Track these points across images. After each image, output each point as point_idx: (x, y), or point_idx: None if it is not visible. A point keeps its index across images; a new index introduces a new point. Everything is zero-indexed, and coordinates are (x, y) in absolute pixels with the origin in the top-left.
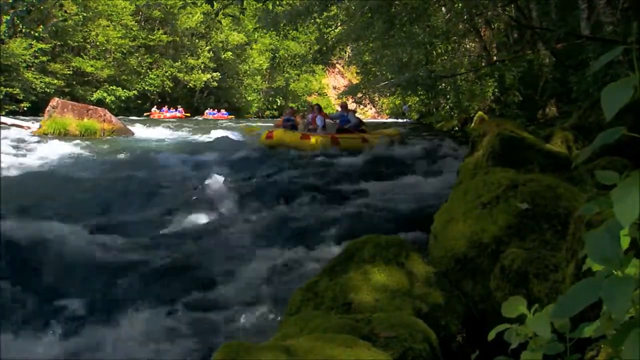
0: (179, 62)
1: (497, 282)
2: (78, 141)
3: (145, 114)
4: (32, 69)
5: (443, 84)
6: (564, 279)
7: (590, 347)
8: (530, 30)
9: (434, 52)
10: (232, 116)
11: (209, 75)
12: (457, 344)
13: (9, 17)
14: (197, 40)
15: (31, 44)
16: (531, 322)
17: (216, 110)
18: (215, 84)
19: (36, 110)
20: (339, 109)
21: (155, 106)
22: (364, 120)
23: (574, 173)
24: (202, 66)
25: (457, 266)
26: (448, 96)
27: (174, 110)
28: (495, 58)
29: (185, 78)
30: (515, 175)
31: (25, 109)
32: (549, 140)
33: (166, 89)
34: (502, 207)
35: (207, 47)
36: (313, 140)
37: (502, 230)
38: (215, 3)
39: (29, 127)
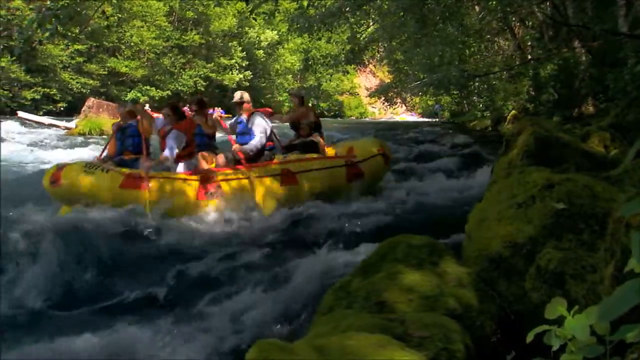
0: (212, 63)
1: (533, 282)
2: None
3: None
4: (69, 69)
5: (476, 83)
6: (602, 280)
7: (631, 349)
8: (565, 28)
9: (467, 50)
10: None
11: (241, 75)
12: (492, 345)
13: (52, 23)
14: (229, 41)
15: (68, 45)
16: (570, 324)
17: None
18: (247, 83)
19: (72, 110)
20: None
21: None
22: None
23: (611, 172)
24: (235, 65)
25: (491, 266)
26: (482, 95)
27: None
28: (529, 56)
29: (217, 77)
30: (550, 174)
31: (61, 108)
32: (585, 140)
33: (199, 87)
34: (537, 206)
35: (240, 47)
36: (146, 193)
37: (538, 230)
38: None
39: (65, 127)
